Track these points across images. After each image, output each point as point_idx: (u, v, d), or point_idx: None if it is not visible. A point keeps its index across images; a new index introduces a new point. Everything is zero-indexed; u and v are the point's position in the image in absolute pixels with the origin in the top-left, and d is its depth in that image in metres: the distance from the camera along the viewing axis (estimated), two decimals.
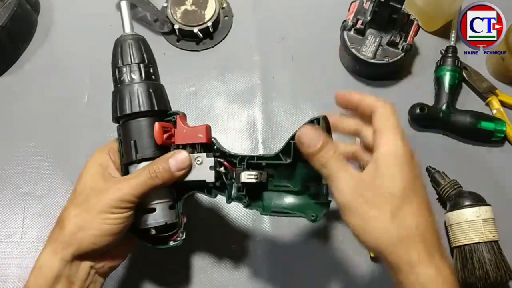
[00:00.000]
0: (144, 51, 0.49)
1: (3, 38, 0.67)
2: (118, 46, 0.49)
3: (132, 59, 0.48)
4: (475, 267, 0.55)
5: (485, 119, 0.64)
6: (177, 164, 0.45)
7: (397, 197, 0.39)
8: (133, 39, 0.49)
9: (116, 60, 0.49)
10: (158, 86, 0.49)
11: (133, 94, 0.47)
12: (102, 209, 0.43)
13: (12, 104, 0.68)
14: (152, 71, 0.49)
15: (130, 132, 0.47)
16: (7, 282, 0.59)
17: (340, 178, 0.40)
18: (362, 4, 0.66)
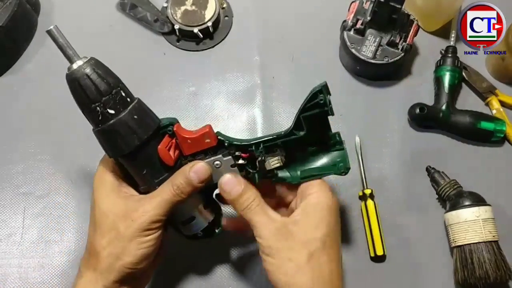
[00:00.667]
0: (106, 76, 0.42)
1: (3, 38, 0.67)
2: (75, 83, 0.42)
3: (100, 94, 0.41)
4: (475, 267, 0.55)
5: (485, 119, 0.64)
6: (198, 176, 0.45)
7: (317, 242, 0.42)
8: (89, 68, 0.42)
9: (82, 100, 0.42)
10: (138, 106, 0.44)
11: (123, 131, 0.42)
12: (133, 235, 0.43)
13: (12, 104, 0.68)
14: (124, 94, 0.43)
15: (137, 164, 0.45)
16: (7, 282, 0.59)
17: (259, 222, 0.43)
18: (362, 4, 0.66)
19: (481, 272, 0.54)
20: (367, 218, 0.60)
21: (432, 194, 0.63)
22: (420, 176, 0.64)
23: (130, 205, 0.44)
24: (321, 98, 0.45)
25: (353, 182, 0.64)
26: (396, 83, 0.69)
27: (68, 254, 0.60)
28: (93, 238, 0.45)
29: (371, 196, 0.61)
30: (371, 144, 0.66)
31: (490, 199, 0.58)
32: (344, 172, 0.47)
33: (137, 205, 0.44)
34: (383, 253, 0.59)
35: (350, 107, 0.68)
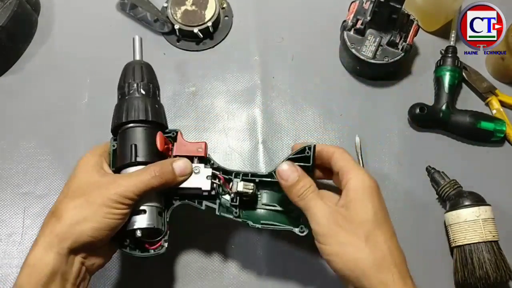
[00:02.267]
0: (146, 73, 0.53)
1: (3, 38, 0.67)
2: (124, 69, 0.53)
3: (133, 78, 0.52)
4: (475, 267, 0.55)
5: (485, 119, 0.64)
6: (180, 169, 0.48)
7: (369, 223, 0.44)
8: (138, 64, 0.54)
9: (120, 80, 0.53)
10: (157, 103, 0.53)
11: (131, 105, 0.50)
12: (104, 202, 0.43)
13: (12, 104, 0.68)
14: (152, 90, 0.53)
15: (130, 137, 0.50)
16: (7, 281, 0.59)
17: (315, 208, 0.45)
18: (362, 4, 0.66)
19: (481, 272, 0.54)
20: None
21: (432, 194, 0.63)
22: (420, 176, 0.64)
23: (107, 179, 0.46)
24: (307, 151, 0.49)
25: None
26: (396, 83, 0.70)
27: None
28: (59, 202, 0.45)
29: None
30: (371, 144, 0.66)
31: (490, 199, 0.58)
32: (304, 233, 0.49)
33: (114, 179, 0.46)
34: None
35: (350, 107, 0.68)
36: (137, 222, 0.47)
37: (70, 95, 0.68)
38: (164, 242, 0.49)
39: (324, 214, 0.44)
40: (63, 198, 0.45)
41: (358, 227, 0.43)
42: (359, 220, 0.44)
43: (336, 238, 0.43)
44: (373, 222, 0.44)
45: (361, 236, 0.43)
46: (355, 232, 0.43)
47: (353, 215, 0.44)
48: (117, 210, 0.44)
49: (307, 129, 0.67)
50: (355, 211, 0.44)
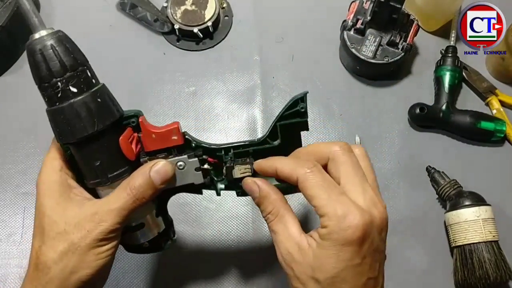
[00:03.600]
0: (73, 51, 0.37)
1: (3, 37, 0.67)
2: (37, 55, 0.36)
3: (64, 68, 0.37)
4: (475, 267, 0.55)
5: (485, 119, 0.64)
6: (160, 176, 0.39)
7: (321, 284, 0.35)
8: (55, 39, 0.37)
9: (42, 72, 0.37)
10: (103, 90, 0.40)
11: (83, 112, 0.37)
12: (89, 246, 0.38)
13: (12, 104, 0.68)
14: (90, 75, 0.39)
15: (91, 154, 0.39)
16: (7, 281, 0.59)
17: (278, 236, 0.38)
18: (362, 4, 0.66)
19: (481, 272, 0.54)
20: None
21: (432, 194, 0.63)
22: (420, 176, 0.64)
23: (84, 212, 0.39)
24: (302, 106, 0.42)
25: None
26: (396, 83, 0.69)
27: None
28: (40, 252, 0.38)
29: None
30: (371, 143, 0.66)
31: (490, 199, 0.58)
32: None
33: (92, 212, 0.38)
34: None
35: (350, 107, 0.68)
36: (139, 236, 0.43)
37: None
38: (172, 234, 0.46)
39: (285, 246, 0.37)
40: (42, 245, 0.38)
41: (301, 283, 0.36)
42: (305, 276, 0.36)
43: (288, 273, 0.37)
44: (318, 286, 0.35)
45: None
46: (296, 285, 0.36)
47: (303, 265, 0.36)
48: (106, 247, 0.39)
49: None
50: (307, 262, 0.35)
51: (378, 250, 0.36)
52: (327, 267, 0.34)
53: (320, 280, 0.35)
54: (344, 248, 0.34)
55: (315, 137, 0.66)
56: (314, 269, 0.35)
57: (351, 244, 0.34)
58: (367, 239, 0.34)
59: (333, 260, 0.34)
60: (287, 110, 0.43)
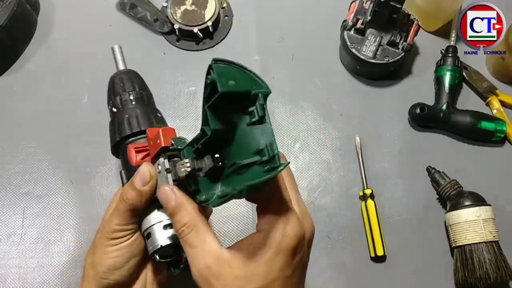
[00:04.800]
0: (135, 80, 0.50)
1: (3, 37, 0.67)
2: (110, 82, 0.51)
3: (122, 89, 0.49)
4: (475, 267, 0.55)
5: (485, 119, 0.64)
6: (140, 179, 0.40)
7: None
8: (124, 73, 0.51)
9: (109, 94, 0.51)
10: (150, 110, 0.49)
11: (122, 121, 0.47)
12: (101, 244, 0.42)
13: (12, 104, 0.68)
14: (145, 98, 0.50)
15: (121, 160, 0.48)
16: (6, 282, 0.58)
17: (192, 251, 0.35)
18: (362, 4, 0.66)
19: (482, 272, 0.54)
20: (367, 218, 0.60)
21: (432, 194, 0.63)
22: (421, 176, 0.64)
23: (103, 218, 0.46)
24: (208, 78, 0.34)
25: (353, 182, 0.63)
26: (396, 83, 0.69)
27: (68, 254, 0.60)
28: None
29: (371, 196, 0.61)
30: (372, 144, 0.65)
31: (491, 199, 0.58)
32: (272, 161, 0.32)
33: (106, 217, 0.45)
34: (384, 254, 0.59)
35: (350, 107, 0.68)
36: (149, 247, 0.43)
37: (70, 95, 0.68)
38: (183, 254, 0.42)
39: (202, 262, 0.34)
40: None
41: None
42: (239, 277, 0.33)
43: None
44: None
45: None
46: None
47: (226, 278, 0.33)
48: (114, 247, 0.42)
49: (308, 129, 0.67)
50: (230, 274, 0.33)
51: (305, 263, 0.35)
52: (256, 278, 0.32)
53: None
54: (277, 257, 0.32)
55: (315, 137, 0.66)
56: (241, 280, 0.33)
57: (285, 253, 0.32)
58: (300, 250, 0.33)
59: (264, 270, 0.32)
60: (206, 88, 0.35)
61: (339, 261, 0.60)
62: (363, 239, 0.61)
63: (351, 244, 0.61)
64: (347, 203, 0.63)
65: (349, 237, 0.61)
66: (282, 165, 0.31)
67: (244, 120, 0.35)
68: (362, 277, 0.60)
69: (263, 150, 0.32)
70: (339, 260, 0.60)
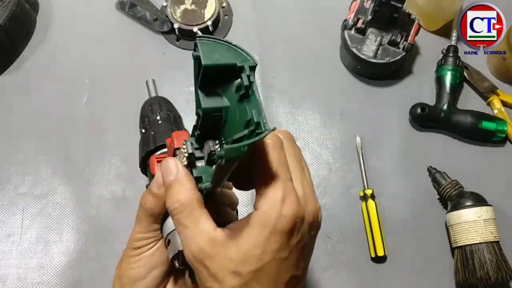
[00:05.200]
0: (163, 104, 0.55)
1: (2, 37, 0.66)
2: (142, 107, 0.55)
3: (151, 112, 0.53)
4: (476, 267, 0.55)
5: (486, 119, 0.64)
6: (155, 182, 0.39)
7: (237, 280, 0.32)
8: (153, 99, 0.56)
9: (141, 117, 0.55)
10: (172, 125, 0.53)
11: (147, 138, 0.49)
12: (125, 255, 0.41)
13: (11, 104, 0.67)
14: (171, 117, 0.54)
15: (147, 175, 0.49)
16: (6, 282, 0.58)
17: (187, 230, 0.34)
18: (363, 3, 0.66)
19: (482, 272, 0.54)
20: (368, 218, 0.60)
21: (433, 195, 0.63)
22: (422, 176, 0.63)
23: None
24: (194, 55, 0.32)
25: (354, 182, 0.63)
26: (397, 83, 0.69)
27: (67, 254, 0.59)
28: None
29: (372, 196, 0.61)
30: (372, 144, 0.65)
31: (492, 200, 0.58)
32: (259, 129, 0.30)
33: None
34: (384, 254, 0.59)
35: (350, 107, 0.68)
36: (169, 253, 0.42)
37: (69, 95, 0.68)
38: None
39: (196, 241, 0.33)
40: None
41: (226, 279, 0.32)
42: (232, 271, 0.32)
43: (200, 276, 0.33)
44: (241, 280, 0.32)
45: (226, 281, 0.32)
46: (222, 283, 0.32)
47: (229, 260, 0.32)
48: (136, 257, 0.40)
49: (308, 129, 0.67)
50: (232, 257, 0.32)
51: (305, 248, 0.34)
52: (251, 259, 0.32)
53: (243, 273, 0.32)
54: (273, 238, 0.31)
55: (316, 137, 0.66)
56: (236, 261, 0.32)
57: (281, 235, 0.31)
58: (297, 233, 0.32)
59: (260, 251, 0.31)
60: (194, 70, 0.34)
61: (340, 261, 0.60)
62: (364, 239, 0.61)
63: (351, 244, 0.60)
64: (347, 203, 0.63)
65: (350, 237, 0.61)
66: (267, 130, 0.29)
67: (234, 98, 0.35)
68: (362, 277, 0.59)
69: (250, 120, 0.31)
70: (340, 260, 0.60)
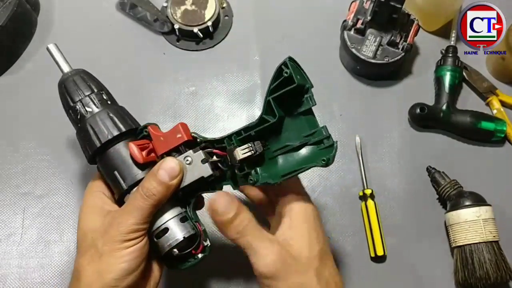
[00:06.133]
0: (88, 80, 0.47)
1: (3, 38, 0.67)
2: (62, 87, 0.47)
3: (81, 93, 0.46)
4: (475, 267, 0.55)
5: (485, 119, 0.64)
6: (167, 173, 0.41)
7: (317, 259, 0.40)
8: (74, 73, 0.47)
9: (66, 101, 0.47)
10: (117, 108, 0.47)
11: (96, 126, 0.45)
12: (111, 249, 0.40)
13: (12, 104, 0.68)
14: (105, 97, 0.47)
15: (109, 164, 0.45)
16: (6, 282, 0.59)
17: (260, 248, 0.39)
18: (362, 4, 0.66)
19: (482, 272, 0.54)
20: (367, 218, 0.60)
21: (432, 194, 0.63)
22: (421, 176, 0.64)
23: (107, 220, 0.42)
24: (286, 72, 0.41)
25: (353, 182, 0.64)
26: (396, 83, 0.69)
27: (68, 254, 0.60)
28: (76, 262, 0.42)
29: (371, 196, 0.61)
30: (372, 144, 0.65)
31: (491, 199, 0.58)
32: (327, 164, 0.40)
33: (112, 217, 0.41)
34: (384, 253, 0.59)
35: (350, 107, 0.68)
36: (166, 243, 0.43)
37: None
38: (204, 241, 0.45)
39: (270, 253, 0.39)
40: (78, 256, 0.42)
41: (307, 266, 0.40)
42: (306, 256, 0.40)
43: (286, 280, 0.39)
44: (319, 259, 0.41)
45: (312, 276, 0.40)
46: (306, 272, 0.40)
47: (299, 251, 0.40)
48: (128, 250, 0.40)
49: None
50: (300, 247, 0.40)
51: None
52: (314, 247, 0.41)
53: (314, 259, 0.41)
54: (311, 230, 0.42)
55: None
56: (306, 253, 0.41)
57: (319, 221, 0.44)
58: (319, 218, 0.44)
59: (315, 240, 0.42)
60: (274, 81, 0.42)
61: (339, 261, 0.60)
62: (363, 239, 0.61)
63: (351, 244, 0.61)
64: (347, 203, 0.63)
65: (349, 237, 0.61)
66: (336, 142, 0.40)
67: (294, 109, 0.43)
68: (362, 277, 0.60)
69: (316, 132, 0.42)
70: (339, 260, 0.60)
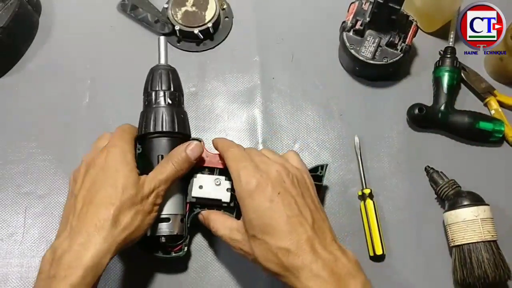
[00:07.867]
0: (173, 80, 0.56)
1: (4, 38, 0.67)
2: (150, 73, 0.56)
3: (159, 86, 0.55)
4: (474, 266, 0.55)
5: (483, 120, 0.64)
6: (193, 153, 0.52)
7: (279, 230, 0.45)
8: (164, 69, 0.56)
9: (146, 85, 0.56)
10: (182, 113, 0.56)
11: (160, 116, 0.53)
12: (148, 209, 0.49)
13: (13, 105, 0.68)
14: (177, 99, 0.56)
15: (156, 147, 0.53)
16: (8, 281, 0.59)
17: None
18: (361, 5, 0.66)
19: (480, 271, 0.54)
20: (366, 217, 0.61)
21: (431, 194, 0.63)
22: (419, 176, 0.64)
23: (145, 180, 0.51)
24: (321, 172, 0.57)
25: (352, 181, 0.64)
26: (395, 84, 0.70)
27: None
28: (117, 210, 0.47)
29: (370, 195, 0.61)
30: (370, 144, 0.66)
31: (489, 199, 0.58)
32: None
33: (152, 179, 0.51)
34: (382, 253, 0.59)
35: (349, 107, 0.68)
36: (161, 229, 0.52)
37: (71, 96, 0.69)
38: (184, 246, 0.54)
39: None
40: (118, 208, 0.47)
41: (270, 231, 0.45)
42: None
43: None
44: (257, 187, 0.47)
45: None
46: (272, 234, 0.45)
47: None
48: (155, 207, 0.50)
49: (307, 129, 0.67)
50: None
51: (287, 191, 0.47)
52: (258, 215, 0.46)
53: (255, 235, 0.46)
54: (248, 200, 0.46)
55: (315, 137, 0.67)
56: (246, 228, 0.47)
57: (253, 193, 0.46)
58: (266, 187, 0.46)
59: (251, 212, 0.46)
60: (311, 171, 0.54)
61: None
62: (362, 238, 0.61)
63: (350, 243, 0.61)
64: (346, 203, 0.63)
65: (348, 236, 0.62)
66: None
67: None
68: None
69: None
70: None
